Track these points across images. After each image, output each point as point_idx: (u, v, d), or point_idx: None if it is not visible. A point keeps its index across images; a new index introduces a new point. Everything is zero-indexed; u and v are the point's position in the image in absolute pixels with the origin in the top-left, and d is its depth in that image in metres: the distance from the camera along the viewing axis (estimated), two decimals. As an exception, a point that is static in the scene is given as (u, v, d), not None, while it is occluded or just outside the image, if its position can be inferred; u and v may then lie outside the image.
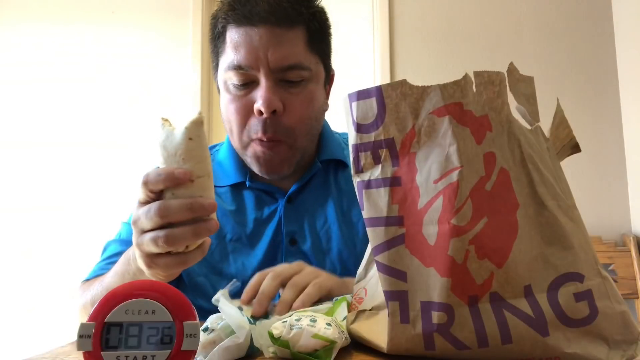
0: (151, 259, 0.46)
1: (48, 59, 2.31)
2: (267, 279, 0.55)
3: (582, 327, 0.39)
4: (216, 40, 0.71)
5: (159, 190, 0.44)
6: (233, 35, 0.67)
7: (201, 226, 0.44)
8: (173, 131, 0.44)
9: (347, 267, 0.72)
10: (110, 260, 0.74)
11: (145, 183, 0.44)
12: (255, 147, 0.69)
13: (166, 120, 0.45)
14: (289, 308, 0.53)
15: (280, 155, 0.70)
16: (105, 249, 0.78)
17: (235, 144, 0.72)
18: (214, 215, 0.45)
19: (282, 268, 0.57)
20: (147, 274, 0.50)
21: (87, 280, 0.73)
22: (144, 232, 0.45)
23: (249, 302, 0.54)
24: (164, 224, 0.44)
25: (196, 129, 0.43)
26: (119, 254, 0.74)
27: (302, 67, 0.68)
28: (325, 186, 0.78)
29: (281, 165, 0.71)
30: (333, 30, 0.76)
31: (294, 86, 0.68)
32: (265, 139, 0.67)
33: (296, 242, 0.73)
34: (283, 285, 0.56)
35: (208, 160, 0.45)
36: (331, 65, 0.78)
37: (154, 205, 0.43)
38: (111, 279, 0.61)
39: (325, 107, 0.77)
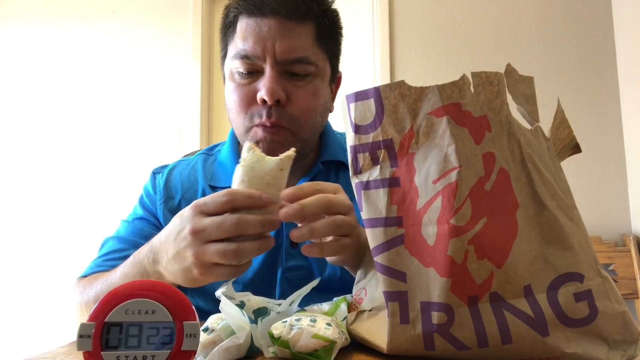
0: (208, 267, 0.48)
1: (48, 58, 2.31)
2: (319, 197, 0.50)
3: (582, 327, 0.39)
4: (227, 29, 0.73)
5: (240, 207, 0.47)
6: (243, 25, 0.69)
7: (265, 243, 0.48)
8: (264, 158, 0.49)
9: (347, 271, 0.71)
10: (107, 257, 0.74)
11: (231, 201, 0.47)
12: (258, 132, 0.69)
13: (255, 144, 0.52)
14: (310, 237, 0.50)
15: (282, 140, 0.69)
16: (102, 246, 0.77)
17: (238, 129, 0.72)
18: None
19: (338, 202, 0.52)
20: (186, 280, 0.51)
21: (84, 276, 0.73)
22: (208, 242, 0.47)
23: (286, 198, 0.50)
24: (233, 236, 0.47)
25: (288, 162, 0.49)
26: (116, 252, 0.73)
27: (308, 62, 0.68)
28: None
29: (281, 151, 0.69)
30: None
31: (299, 79, 0.69)
32: (269, 124, 0.67)
33: (297, 244, 0.72)
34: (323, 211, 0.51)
35: (284, 189, 0.50)
36: (338, 66, 0.78)
37: (231, 217, 0.46)
38: (120, 281, 0.60)
39: (329, 106, 0.77)
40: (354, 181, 0.46)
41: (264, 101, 0.66)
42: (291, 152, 0.49)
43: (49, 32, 2.32)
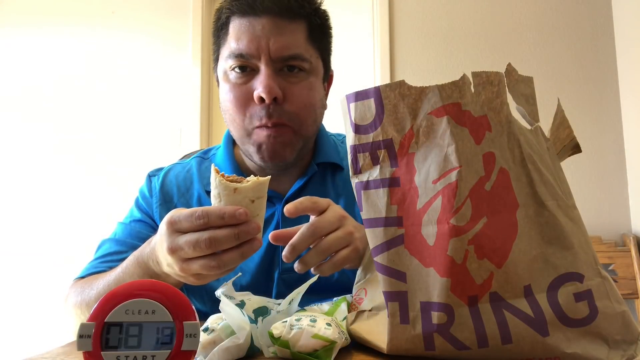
0: (198, 276, 0.50)
1: (47, 58, 2.31)
2: (304, 229, 0.54)
3: (582, 327, 0.39)
4: (219, 31, 0.73)
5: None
6: (236, 25, 0.70)
7: (249, 248, 0.47)
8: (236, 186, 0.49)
9: (345, 272, 0.70)
10: (104, 259, 0.74)
11: (205, 223, 0.46)
12: (260, 134, 0.69)
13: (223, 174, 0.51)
14: (307, 269, 0.54)
15: (285, 139, 0.70)
16: (99, 247, 0.77)
17: (238, 133, 0.72)
18: (259, 235, 0.48)
19: (323, 224, 0.55)
20: (188, 282, 0.52)
21: (81, 277, 0.73)
22: (189, 259, 0.48)
23: (277, 241, 0.55)
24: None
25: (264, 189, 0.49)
26: (113, 254, 0.73)
27: (302, 59, 0.69)
28: (323, 189, 0.77)
29: (284, 150, 0.70)
30: (333, 31, 0.77)
31: (294, 76, 0.70)
32: (270, 124, 0.68)
33: None
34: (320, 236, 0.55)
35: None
36: (330, 65, 0.79)
37: (205, 236, 0.45)
38: (126, 280, 0.60)
39: (324, 103, 0.78)
40: (354, 181, 0.46)
41: (261, 99, 0.67)
42: (265, 178, 0.49)
43: (48, 32, 2.32)
